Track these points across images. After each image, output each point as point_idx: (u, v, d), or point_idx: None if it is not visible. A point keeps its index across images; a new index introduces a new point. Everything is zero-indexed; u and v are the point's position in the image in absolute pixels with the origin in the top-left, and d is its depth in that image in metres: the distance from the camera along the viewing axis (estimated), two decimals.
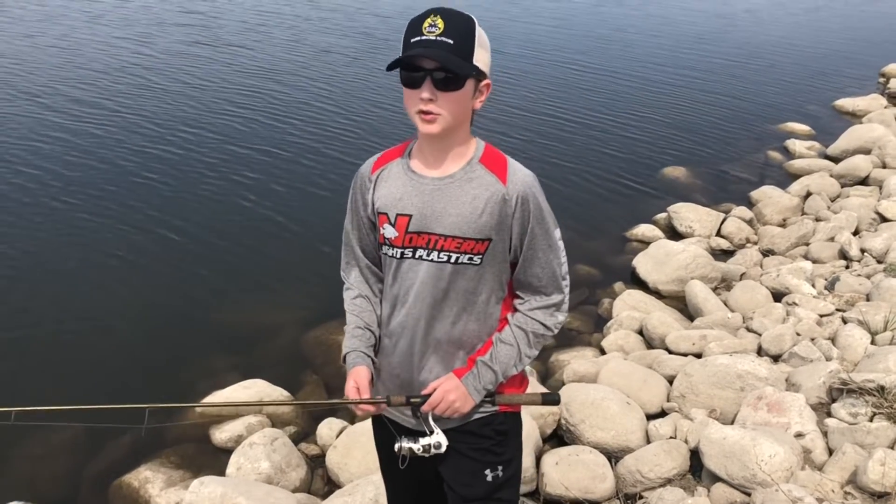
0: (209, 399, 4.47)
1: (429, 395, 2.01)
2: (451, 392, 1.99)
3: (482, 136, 2.02)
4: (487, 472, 2.10)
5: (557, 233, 2.01)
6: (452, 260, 1.94)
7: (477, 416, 2.07)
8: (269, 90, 10.66)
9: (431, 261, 1.95)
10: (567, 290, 2.07)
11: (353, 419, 4.39)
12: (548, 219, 1.98)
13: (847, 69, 14.80)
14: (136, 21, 14.63)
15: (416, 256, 1.97)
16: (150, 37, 13.36)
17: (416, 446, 2.03)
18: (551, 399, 2.13)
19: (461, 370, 2.02)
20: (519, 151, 8.58)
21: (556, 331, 2.08)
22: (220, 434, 4.25)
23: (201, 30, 14.30)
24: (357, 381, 2.01)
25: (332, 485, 3.93)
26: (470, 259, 1.94)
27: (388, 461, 2.25)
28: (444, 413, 2.00)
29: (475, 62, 1.82)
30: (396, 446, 2.05)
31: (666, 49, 15.61)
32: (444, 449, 2.03)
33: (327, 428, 4.24)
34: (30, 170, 7.47)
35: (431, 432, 2.03)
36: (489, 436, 2.09)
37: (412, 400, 2.03)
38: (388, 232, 1.98)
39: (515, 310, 2.06)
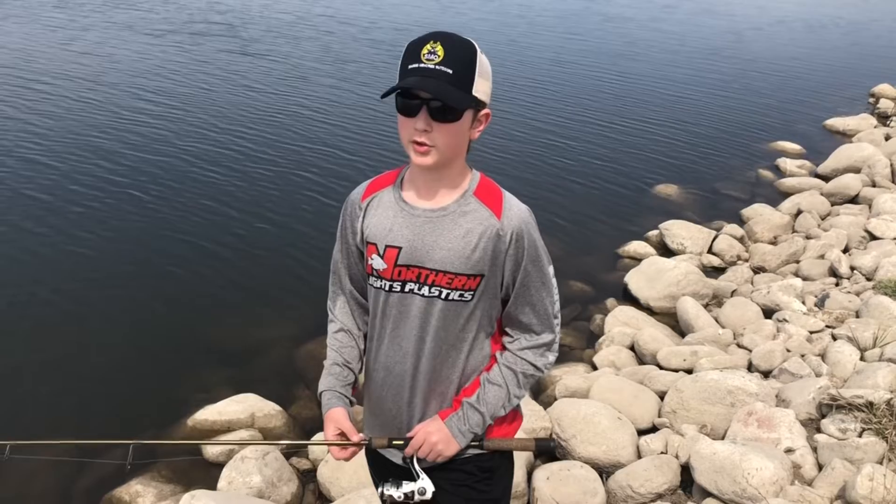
0: (201, 413, 4.46)
1: (411, 438, 1.95)
2: (434, 434, 1.91)
3: (474, 156, 1.99)
4: None
5: (551, 270, 1.94)
6: (443, 296, 1.86)
7: (463, 455, 1.99)
8: (268, 105, 10.72)
9: (422, 295, 1.87)
10: (558, 329, 1.99)
11: None
12: (542, 256, 1.90)
13: (837, 89, 14.95)
14: (159, 32, 14.75)
15: (406, 290, 1.88)
16: (174, 45, 13.47)
17: (398, 493, 1.95)
18: (545, 446, 2.06)
19: (446, 412, 1.95)
20: (511, 169, 8.65)
21: (546, 371, 2.00)
22: (212, 448, 4.23)
23: (219, 40, 14.46)
24: (339, 425, 1.95)
25: (323, 499, 3.93)
26: (461, 295, 1.86)
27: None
28: (428, 457, 1.93)
29: (474, 92, 1.73)
30: (379, 491, 1.99)
31: (658, 67, 15.75)
32: (429, 495, 1.94)
33: None
34: (10, 187, 7.49)
35: (417, 477, 1.95)
36: (472, 472, 2.00)
37: (394, 442, 1.97)
38: (377, 263, 1.89)
39: (504, 348, 1.99)
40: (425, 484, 1.94)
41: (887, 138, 10.63)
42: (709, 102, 13.09)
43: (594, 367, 5.19)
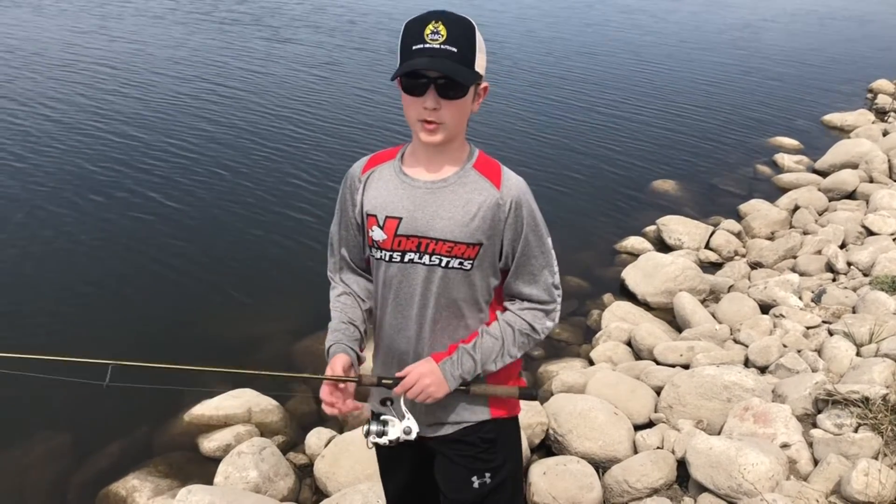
0: (197, 408, 4.46)
1: (402, 378, 1.95)
2: (427, 376, 1.93)
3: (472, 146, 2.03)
4: (474, 478, 2.08)
5: (549, 241, 2.00)
6: (443, 264, 1.92)
7: (464, 424, 2.05)
8: (261, 98, 10.70)
9: (423, 264, 1.93)
10: (559, 298, 2.04)
11: (341, 428, 4.39)
12: (541, 226, 1.97)
13: (835, 84, 14.96)
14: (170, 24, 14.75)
15: (406, 260, 1.94)
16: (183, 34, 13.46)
17: (384, 440, 1.95)
18: (528, 394, 2.08)
19: (440, 354, 1.98)
20: (509, 162, 8.60)
21: (542, 335, 2.04)
22: (209, 443, 4.24)
23: (240, 28, 14.54)
24: (333, 368, 1.96)
25: (319, 494, 3.93)
26: (461, 263, 1.92)
27: (387, 468, 2.27)
28: (418, 398, 1.94)
29: (476, 68, 1.81)
30: (364, 429, 1.98)
31: (657, 63, 15.73)
32: (413, 435, 1.95)
33: (315, 437, 4.24)
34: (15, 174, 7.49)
35: (402, 418, 1.95)
36: (475, 443, 2.07)
37: (384, 381, 1.97)
38: (377, 234, 1.95)
39: (506, 309, 2.04)
40: (410, 423, 1.95)
41: (885, 134, 10.64)
42: (706, 98, 13.08)
43: (591, 363, 5.20)
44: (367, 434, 1.97)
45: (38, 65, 11.64)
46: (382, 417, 1.97)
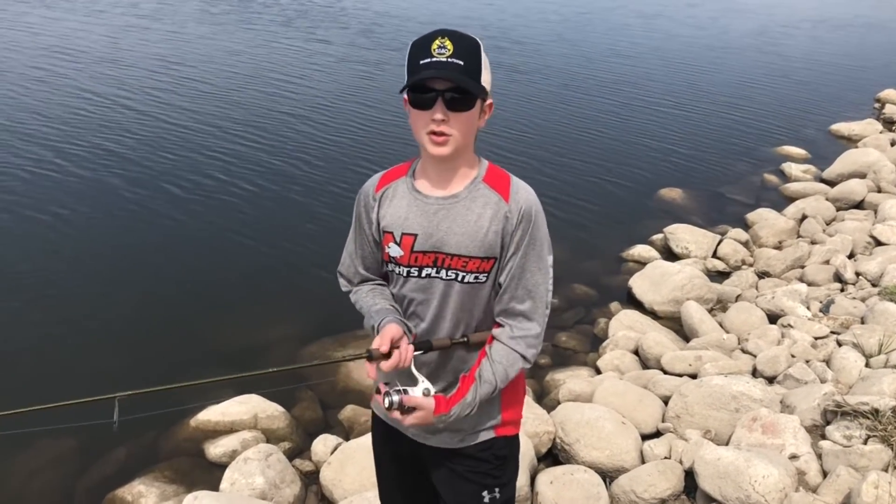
0: (204, 414, 4.46)
1: (423, 341, 1.96)
2: (419, 424, 1.97)
3: (481, 155, 2.03)
4: (485, 493, 2.11)
5: (550, 259, 1.98)
6: (459, 278, 1.94)
7: (478, 440, 2.08)
8: (273, 106, 10.73)
9: (440, 278, 1.95)
10: (545, 321, 2.00)
11: (347, 435, 4.38)
12: (544, 242, 1.96)
13: (843, 94, 14.93)
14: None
15: (423, 275, 1.96)
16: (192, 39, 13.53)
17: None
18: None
19: (441, 403, 1.94)
20: (517, 169, 8.61)
21: (531, 363, 2.02)
22: (215, 449, 4.24)
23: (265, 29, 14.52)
24: (383, 337, 1.88)
25: (325, 501, 3.92)
26: (476, 278, 1.94)
27: (382, 462, 2.28)
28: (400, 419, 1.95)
29: (482, 82, 1.84)
30: (385, 402, 1.90)
31: (664, 71, 15.72)
32: (432, 393, 1.94)
33: (322, 444, 4.24)
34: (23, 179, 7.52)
35: (417, 382, 1.93)
36: (489, 460, 2.10)
37: (391, 397, 1.91)
38: (394, 251, 1.98)
39: (494, 339, 1.98)
40: (426, 385, 1.95)
41: (893, 143, 10.63)
42: (714, 106, 13.06)
43: (598, 371, 5.19)
44: (391, 406, 1.90)
45: (74, 63, 11.81)
46: (397, 388, 1.93)
